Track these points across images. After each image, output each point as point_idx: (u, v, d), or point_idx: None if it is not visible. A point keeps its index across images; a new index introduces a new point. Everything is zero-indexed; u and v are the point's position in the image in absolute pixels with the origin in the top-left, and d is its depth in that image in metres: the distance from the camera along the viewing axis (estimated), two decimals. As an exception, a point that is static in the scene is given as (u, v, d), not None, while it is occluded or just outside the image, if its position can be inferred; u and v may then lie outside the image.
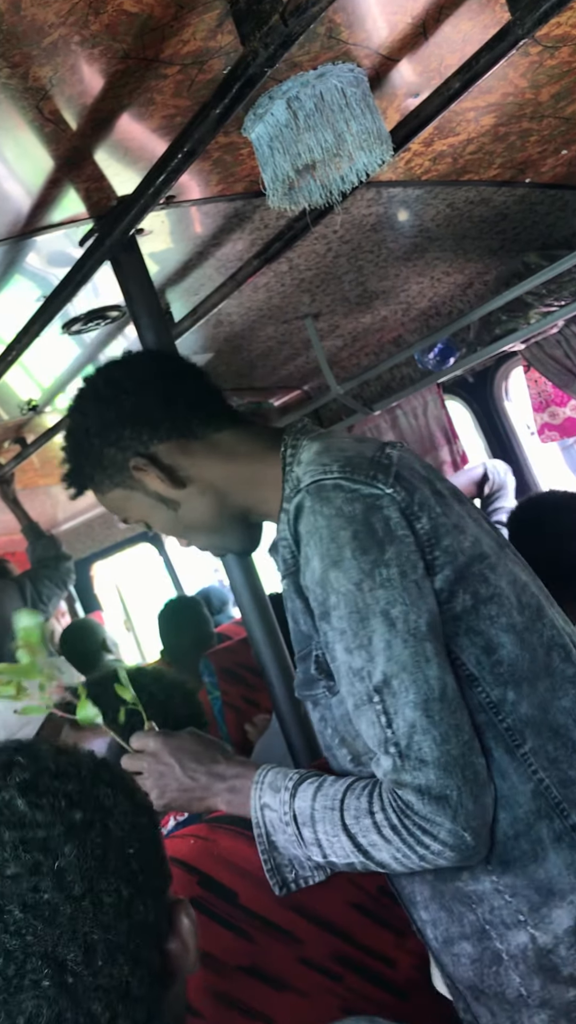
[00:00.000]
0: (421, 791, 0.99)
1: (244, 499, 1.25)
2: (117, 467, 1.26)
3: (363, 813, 1.05)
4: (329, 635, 1.06)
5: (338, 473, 1.09)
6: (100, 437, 1.27)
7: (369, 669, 1.03)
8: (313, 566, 1.07)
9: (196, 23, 1.21)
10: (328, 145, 1.29)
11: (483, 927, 1.09)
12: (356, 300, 2.74)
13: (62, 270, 1.86)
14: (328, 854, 1.08)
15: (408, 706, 1.01)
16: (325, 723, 1.19)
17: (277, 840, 1.13)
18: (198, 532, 1.27)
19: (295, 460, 1.18)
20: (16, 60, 1.18)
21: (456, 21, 1.38)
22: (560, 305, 2.70)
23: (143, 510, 1.28)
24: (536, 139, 1.90)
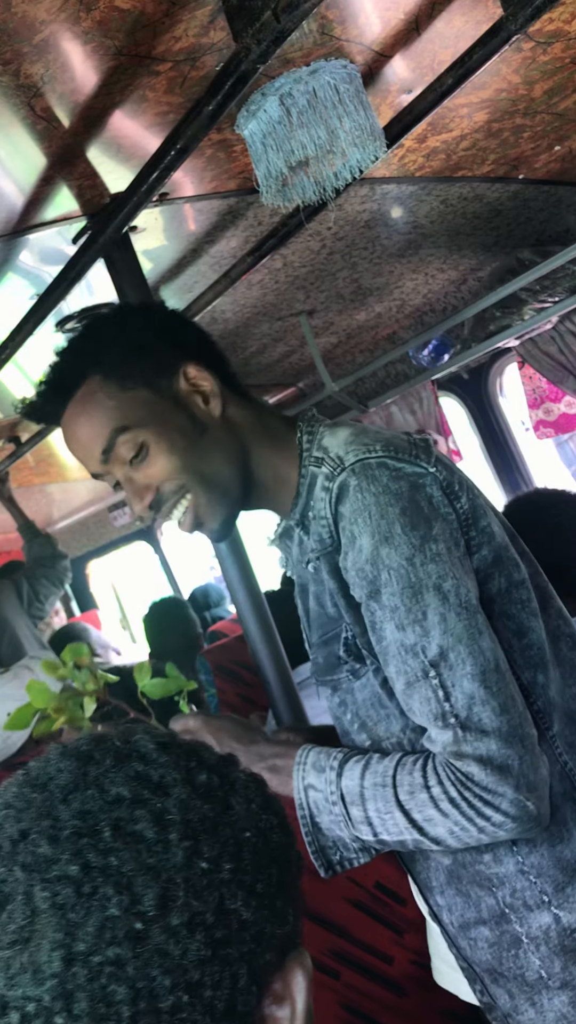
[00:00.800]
0: (483, 761, 0.99)
1: (260, 467, 1.21)
2: (162, 366, 1.17)
3: (418, 788, 1.04)
4: (377, 614, 1.05)
5: (382, 452, 1.09)
6: (157, 332, 1.20)
7: (423, 644, 1.02)
8: (361, 544, 1.05)
9: (188, 19, 1.21)
10: (321, 141, 1.29)
11: (502, 911, 1.10)
12: (350, 297, 2.74)
13: (55, 268, 1.86)
14: (379, 832, 1.07)
15: (466, 678, 1.01)
16: (344, 707, 1.17)
17: (321, 821, 1.11)
18: (203, 474, 1.17)
19: (313, 445, 1.17)
20: (7, 57, 1.17)
21: (449, 17, 1.38)
22: (554, 301, 2.70)
23: (160, 423, 1.15)
24: (529, 135, 1.90)
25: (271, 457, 1.20)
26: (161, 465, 1.15)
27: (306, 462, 1.17)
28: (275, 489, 1.21)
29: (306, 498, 1.16)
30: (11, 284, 1.96)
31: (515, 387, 3.42)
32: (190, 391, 1.17)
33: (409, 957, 1.34)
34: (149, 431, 1.14)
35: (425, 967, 1.34)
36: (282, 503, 1.21)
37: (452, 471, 1.12)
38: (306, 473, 1.17)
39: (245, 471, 1.20)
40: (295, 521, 1.17)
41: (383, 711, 1.14)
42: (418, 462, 1.09)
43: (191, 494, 1.16)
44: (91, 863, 0.50)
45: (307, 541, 1.16)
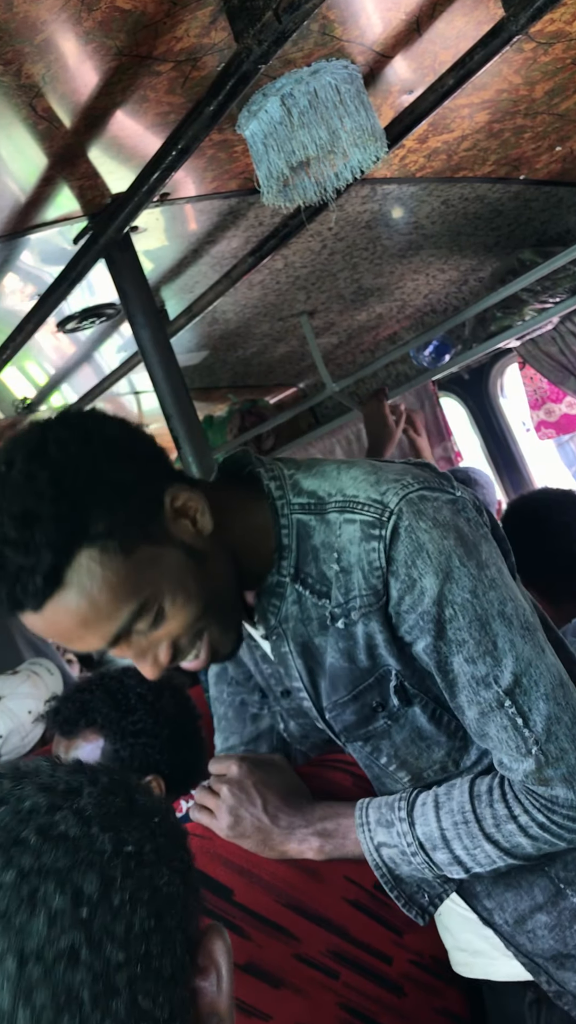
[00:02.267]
0: (567, 779, 1.00)
1: (242, 547, 1.05)
2: (148, 504, 0.96)
3: (503, 819, 1.04)
4: (443, 651, 1.01)
5: (417, 484, 1.02)
6: (125, 464, 0.95)
7: (496, 674, 1.00)
8: (424, 585, 0.99)
9: (189, 20, 1.21)
10: (322, 142, 1.29)
11: (558, 888, 1.11)
12: (351, 297, 2.74)
13: (56, 268, 1.86)
14: (472, 867, 1.06)
15: (541, 699, 1.00)
16: (379, 753, 1.14)
17: (401, 872, 1.10)
18: (218, 603, 1.02)
19: (286, 491, 1.06)
20: (8, 57, 1.17)
21: (450, 17, 1.38)
22: (555, 302, 2.70)
23: (172, 575, 0.96)
24: (530, 135, 1.90)
25: (246, 527, 1.06)
26: (180, 620, 0.98)
27: (284, 511, 1.05)
28: (251, 557, 1.06)
29: (297, 550, 1.05)
30: (12, 284, 1.96)
31: (516, 388, 3.42)
32: (177, 518, 0.99)
33: (408, 957, 1.34)
34: (165, 592, 0.95)
35: (425, 967, 1.34)
36: (252, 563, 1.07)
37: (468, 491, 1.09)
38: (288, 523, 1.05)
39: (240, 565, 1.05)
40: (289, 576, 1.06)
41: (423, 743, 1.11)
42: (447, 488, 1.05)
43: (207, 632, 1.02)
44: (25, 867, 0.52)
45: (308, 598, 1.06)
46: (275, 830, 1.17)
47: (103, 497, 0.91)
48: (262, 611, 1.10)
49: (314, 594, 1.06)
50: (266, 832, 1.17)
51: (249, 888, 1.21)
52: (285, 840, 1.18)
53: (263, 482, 1.07)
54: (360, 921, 1.30)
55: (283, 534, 1.05)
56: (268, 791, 1.19)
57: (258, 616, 1.12)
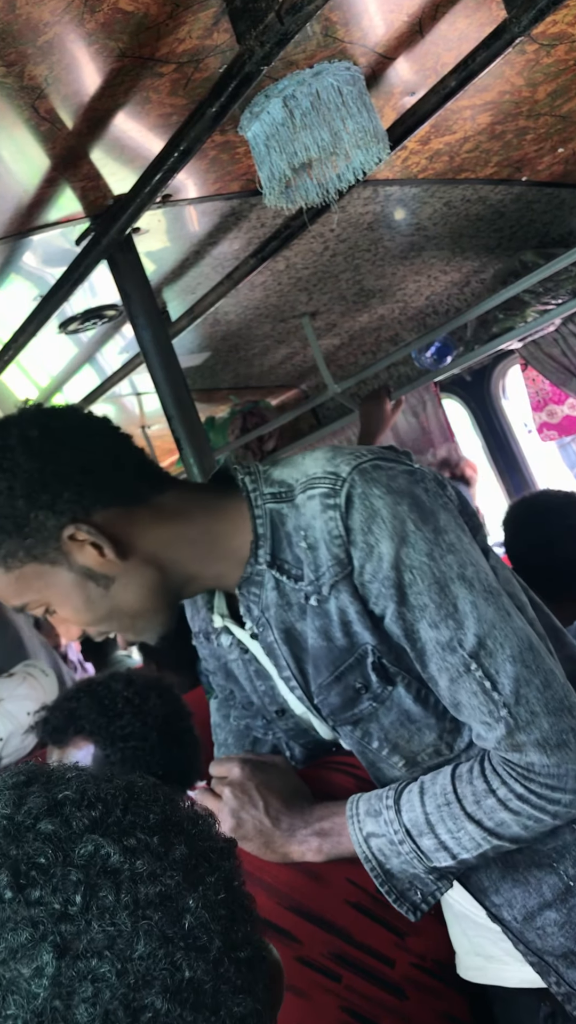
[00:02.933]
0: (540, 744, 0.99)
1: (194, 563, 1.12)
2: (43, 536, 1.05)
3: (483, 794, 1.03)
4: (407, 617, 1.03)
5: (371, 456, 1.07)
6: (28, 499, 1.05)
7: (460, 637, 1.01)
8: (381, 551, 1.02)
9: (192, 21, 1.21)
10: (324, 143, 1.29)
11: (567, 885, 1.09)
12: (353, 299, 2.74)
13: (58, 269, 1.86)
14: (457, 852, 1.05)
15: (508, 661, 1.01)
16: (370, 738, 1.13)
17: (392, 867, 1.09)
18: (123, 615, 1.11)
19: (260, 483, 1.11)
20: (11, 59, 1.18)
21: (452, 19, 1.38)
22: (557, 303, 2.70)
23: (59, 590, 1.08)
24: (533, 137, 1.90)
25: (210, 529, 1.12)
26: (73, 620, 1.11)
27: (258, 502, 1.10)
28: (220, 553, 1.12)
29: (272, 538, 1.09)
30: (14, 285, 1.96)
31: (518, 389, 3.42)
32: (82, 547, 1.06)
33: (410, 960, 1.34)
34: (49, 599, 1.09)
35: (427, 970, 1.34)
36: (230, 562, 1.11)
37: (429, 468, 1.12)
38: (262, 513, 1.09)
39: (175, 580, 1.12)
40: (265, 563, 1.09)
41: (413, 726, 1.11)
42: (404, 460, 1.09)
43: (113, 629, 1.13)
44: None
45: (286, 583, 1.09)
46: (277, 832, 1.18)
47: (3, 522, 1.05)
48: (245, 604, 1.12)
49: (290, 578, 1.09)
50: (268, 834, 1.18)
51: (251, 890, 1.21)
52: (287, 842, 1.18)
53: (238, 477, 1.12)
54: (362, 924, 1.30)
55: (258, 524, 1.10)
56: (270, 793, 1.19)
57: (243, 610, 1.13)
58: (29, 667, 2.43)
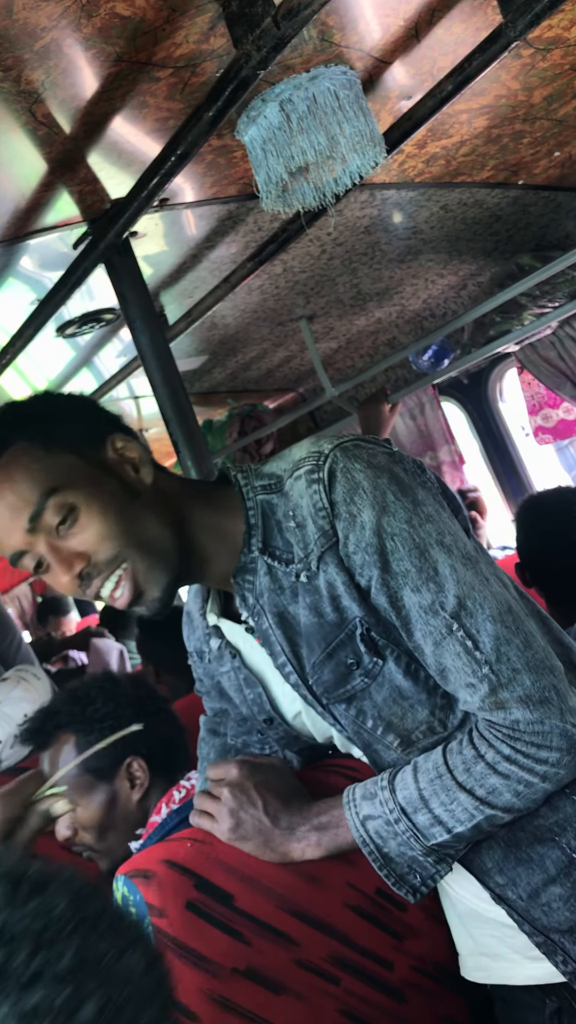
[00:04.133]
0: (523, 701, 1.02)
1: (198, 529, 1.16)
2: (87, 435, 1.13)
3: (472, 761, 1.05)
4: (391, 584, 1.06)
5: (352, 437, 1.13)
6: (77, 406, 1.18)
7: (441, 599, 1.05)
8: (363, 520, 1.06)
9: (189, 26, 1.21)
10: (321, 147, 1.29)
11: (570, 858, 1.10)
12: (350, 302, 2.75)
13: (56, 273, 1.86)
14: (452, 826, 1.06)
15: (487, 620, 1.04)
16: (364, 716, 1.15)
17: (389, 850, 1.10)
18: (139, 542, 1.11)
19: (251, 478, 1.17)
20: (8, 63, 1.18)
21: (448, 24, 1.39)
22: (554, 306, 2.71)
23: (90, 486, 1.10)
24: (529, 141, 1.91)
25: (208, 515, 1.17)
26: (94, 530, 1.08)
27: (250, 494, 1.16)
28: (216, 543, 1.16)
29: (263, 527, 1.14)
30: (12, 289, 1.96)
31: (515, 392, 3.43)
32: (119, 460, 1.14)
33: (410, 963, 1.34)
34: (79, 493, 1.08)
35: (426, 973, 1.34)
36: (224, 555, 1.16)
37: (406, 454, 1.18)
38: (254, 504, 1.15)
39: (182, 535, 1.14)
40: (258, 550, 1.14)
41: (405, 703, 1.13)
42: (384, 445, 1.14)
43: (128, 562, 1.09)
44: None
45: (277, 568, 1.13)
46: (276, 831, 1.18)
47: (44, 414, 1.14)
48: (240, 592, 1.16)
49: (281, 563, 1.13)
50: (267, 834, 1.18)
51: (250, 893, 1.21)
52: (286, 841, 1.18)
53: (231, 474, 1.18)
54: (361, 927, 1.30)
55: (250, 515, 1.15)
56: (268, 793, 1.19)
57: (239, 600, 1.17)
58: (21, 671, 2.44)
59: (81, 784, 1.49)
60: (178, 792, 1.49)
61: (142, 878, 1.17)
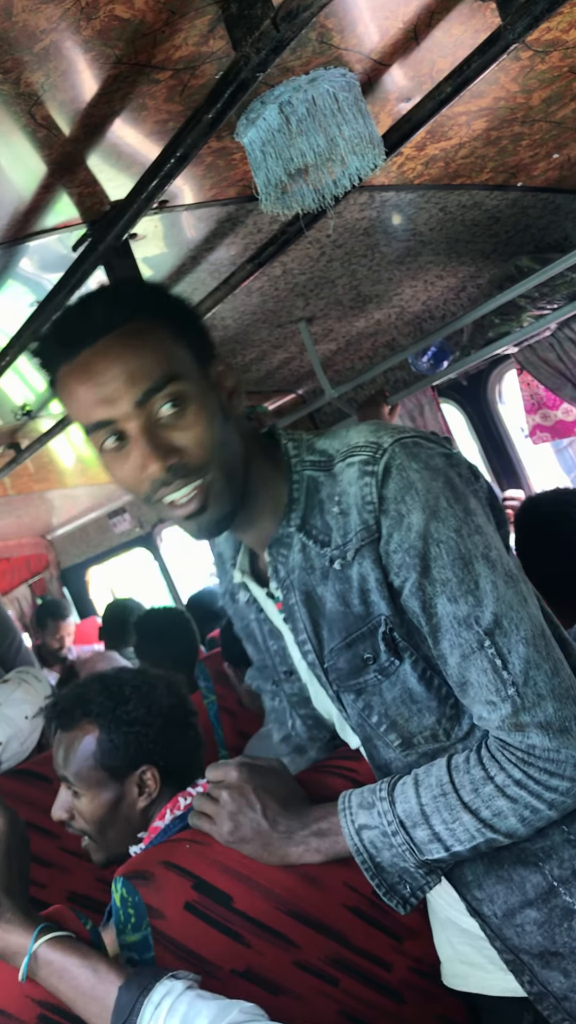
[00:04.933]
0: (543, 727, 1.01)
1: (253, 474, 1.15)
2: (203, 348, 1.13)
3: (481, 782, 1.04)
4: (428, 590, 1.05)
5: (414, 434, 1.11)
6: (194, 323, 1.15)
7: (477, 614, 1.03)
8: (411, 521, 1.05)
9: (188, 28, 1.21)
10: (320, 149, 1.29)
11: (551, 885, 1.10)
12: (350, 304, 2.75)
13: (55, 275, 1.87)
14: (451, 844, 1.06)
15: (521, 642, 1.03)
16: (370, 711, 1.14)
17: (383, 860, 1.10)
18: (223, 460, 1.10)
19: (301, 450, 1.16)
20: (8, 66, 1.18)
21: (447, 26, 1.39)
22: (553, 308, 2.71)
23: (203, 389, 1.10)
24: (528, 143, 1.91)
25: (262, 463, 1.16)
26: (197, 430, 1.07)
27: (298, 467, 1.15)
28: (262, 499, 1.16)
29: (305, 503, 1.13)
30: (11, 291, 1.97)
31: (514, 394, 3.43)
32: (217, 382, 1.13)
33: (408, 964, 1.34)
34: (195, 390, 1.07)
35: (424, 974, 1.34)
36: (267, 516, 1.17)
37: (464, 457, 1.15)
38: (300, 478, 1.14)
39: (245, 474, 1.15)
40: (295, 527, 1.14)
41: (414, 706, 1.12)
42: (444, 444, 1.12)
43: (210, 476, 1.08)
44: None
45: (312, 547, 1.12)
46: (275, 834, 1.18)
47: (176, 309, 1.13)
48: (274, 564, 1.16)
49: (317, 543, 1.12)
50: (266, 837, 1.18)
51: (248, 894, 1.21)
52: (284, 844, 1.18)
53: (281, 442, 1.17)
54: (360, 928, 1.30)
55: (294, 488, 1.14)
56: (268, 796, 1.19)
57: (271, 571, 1.17)
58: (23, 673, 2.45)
59: (93, 778, 1.49)
60: (184, 799, 1.48)
61: (141, 879, 1.17)
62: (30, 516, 5.09)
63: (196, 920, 1.17)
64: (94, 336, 1.06)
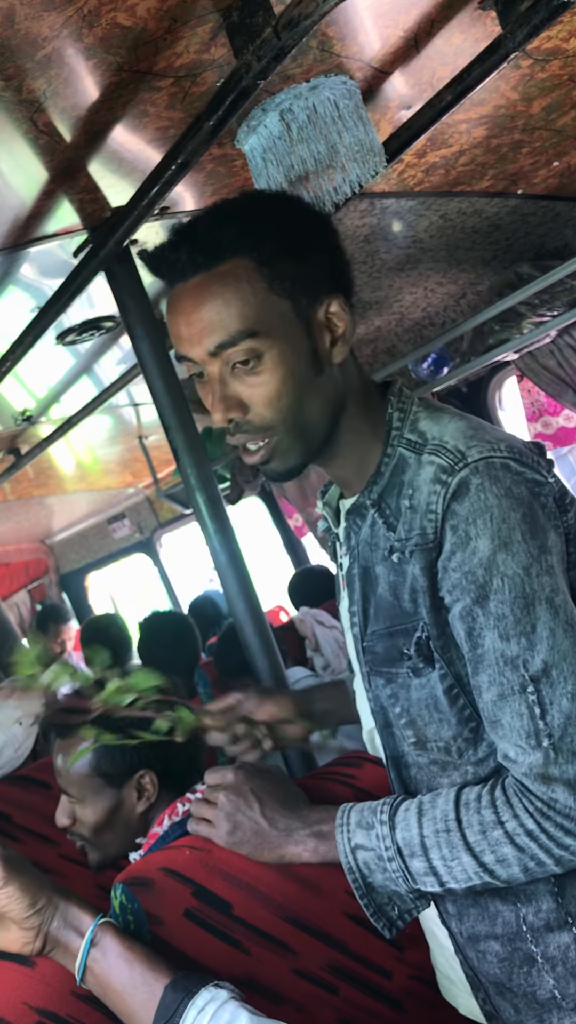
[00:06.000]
0: (571, 785, 0.97)
1: (347, 430, 1.11)
2: (312, 285, 1.05)
3: (490, 825, 1.00)
4: (480, 620, 1.00)
5: (507, 453, 1.03)
6: (323, 248, 1.07)
7: (526, 658, 0.98)
8: (477, 547, 0.99)
9: (189, 36, 1.22)
10: (321, 156, 1.30)
11: (519, 928, 1.07)
12: (350, 310, 2.75)
13: (56, 281, 1.87)
14: (447, 881, 1.02)
15: (565, 697, 0.98)
16: (395, 700, 1.11)
17: (374, 881, 1.08)
18: (295, 423, 1.07)
19: (404, 425, 1.11)
20: (10, 73, 1.18)
21: (448, 34, 1.39)
22: (553, 315, 2.71)
23: (284, 342, 1.04)
24: (528, 151, 1.91)
25: (360, 424, 1.12)
26: (267, 390, 1.04)
27: (395, 441, 1.10)
28: (351, 457, 1.13)
29: (388, 480, 1.09)
30: (12, 297, 1.97)
31: (514, 400, 3.43)
32: (323, 325, 1.07)
33: (409, 972, 1.33)
34: (275, 347, 1.03)
35: (425, 982, 1.33)
36: (351, 473, 1.14)
37: (561, 483, 1.08)
38: (393, 453, 1.10)
39: (333, 428, 1.11)
40: (371, 501, 1.10)
41: (437, 715, 1.08)
42: (539, 470, 1.05)
43: (276, 436, 1.07)
44: None
45: (380, 526, 1.09)
46: (272, 832, 1.17)
47: (287, 243, 1.05)
48: (348, 530, 1.14)
49: (386, 524, 1.09)
50: (264, 835, 1.18)
51: (248, 902, 1.21)
52: (283, 843, 1.17)
53: (388, 410, 1.13)
54: (360, 936, 1.29)
55: (384, 462, 1.10)
56: (265, 795, 1.19)
57: (343, 535, 1.16)
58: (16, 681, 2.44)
59: (89, 785, 1.49)
60: (182, 805, 1.48)
61: (140, 886, 1.17)
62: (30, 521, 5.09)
63: (196, 927, 1.17)
64: (187, 273, 1.05)
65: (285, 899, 1.23)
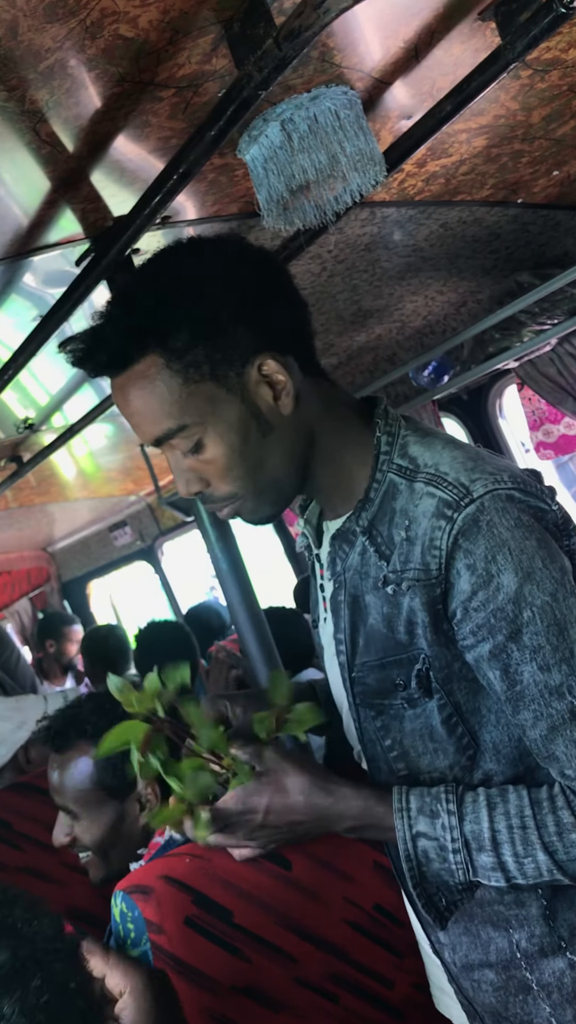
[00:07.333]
0: None
1: (323, 462, 1.09)
2: (233, 355, 1.03)
3: (569, 828, 0.97)
4: (515, 655, 0.97)
5: (511, 483, 1.02)
6: (236, 312, 1.03)
7: (572, 683, 0.96)
8: (501, 583, 0.97)
9: (191, 47, 1.22)
10: (322, 166, 1.31)
11: (513, 956, 1.06)
12: (350, 319, 2.76)
13: (58, 290, 1.88)
14: (515, 876, 0.99)
15: None
16: (386, 732, 1.09)
17: (428, 871, 1.03)
18: (259, 477, 1.06)
19: (393, 450, 1.08)
20: (13, 83, 1.19)
21: (448, 45, 1.40)
22: (553, 323, 2.72)
23: (222, 421, 1.03)
24: (528, 160, 1.92)
25: (338, 450, 1.10)
26: (217, 466, 1.05)
27: (384, 466, 1.08)
28: (332, 483, 1.11)
29: (379, 506, 1.07)
30: (14, 306, 1.98)
31: (515, 408, 3.44)
32: (260, 382, 1.05)
33: (410, 981, 1.33)
34: (210, 430, 1.03)
35: (427, 992, 1.33)
36: (334, 496, 1.12)
37: (562, 510, 1.07)
38: (382, 479, 1.07)
39: (305, 467, 1.10)
40: (361, 528, 1.08)
41: (432, 745, 1.06)
42: (542, 498, 1.04)
43: (237, 500, 1.08)
44: None
45: (372, 555, 1.06)
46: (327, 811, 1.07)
47: (195, 324, 1.03)
48: (333, 556, 1.11)
49: (378, 553, 1.06)
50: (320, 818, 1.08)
51: (248, 909, 1.21)
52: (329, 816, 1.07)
53: (376, 433, 1.10)
54: (360, 944, 1.29)
55: (373, 487, 1.08)
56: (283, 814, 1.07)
57: (328, 561, 1.13)
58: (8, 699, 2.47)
59: (91, 799, 1.47)
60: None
61: (140, 894, 1.16)
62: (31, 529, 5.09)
63: (196, 935, 1.17)
64: (109, 371, 1.07)
65: (285, 907, 1.22)
